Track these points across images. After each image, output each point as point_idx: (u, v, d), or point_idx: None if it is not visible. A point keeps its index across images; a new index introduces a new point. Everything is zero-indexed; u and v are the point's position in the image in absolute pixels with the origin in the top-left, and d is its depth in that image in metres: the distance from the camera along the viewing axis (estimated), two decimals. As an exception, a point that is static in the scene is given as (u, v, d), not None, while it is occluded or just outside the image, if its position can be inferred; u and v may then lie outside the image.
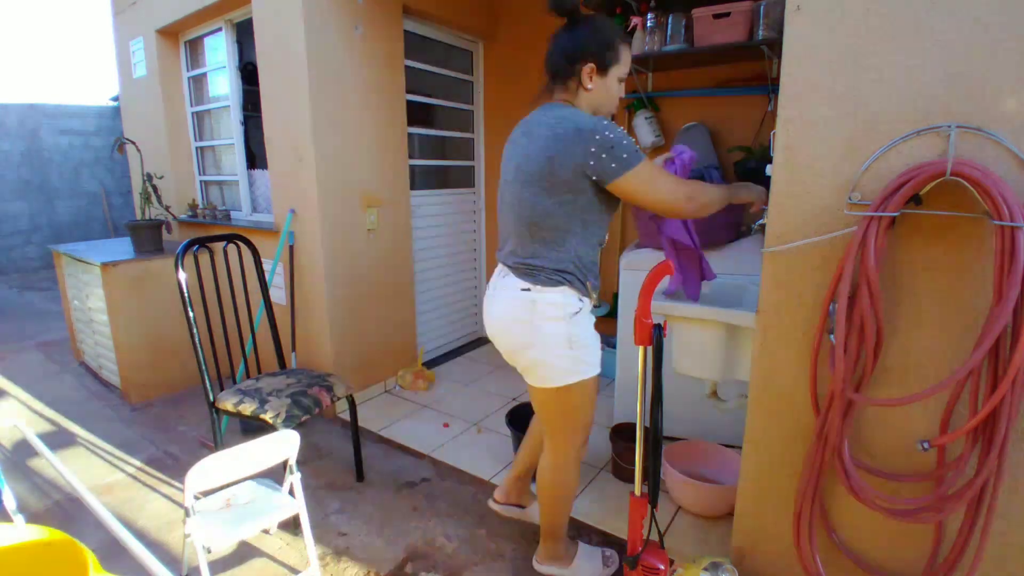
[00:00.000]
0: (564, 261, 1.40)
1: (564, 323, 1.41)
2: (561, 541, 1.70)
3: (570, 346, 1.42)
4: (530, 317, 1.41)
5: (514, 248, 1.46)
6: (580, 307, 1.43)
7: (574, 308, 1.42)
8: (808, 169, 1.31)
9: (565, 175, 1.33)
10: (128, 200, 7.74)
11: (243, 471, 1.52)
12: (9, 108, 6.73)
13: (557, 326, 1.41)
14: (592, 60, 1.39)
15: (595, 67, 1.39)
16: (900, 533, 1.35)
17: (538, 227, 1.40)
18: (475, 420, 2.77)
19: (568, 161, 1.32)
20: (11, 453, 2.53)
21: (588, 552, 1.74)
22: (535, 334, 1.42)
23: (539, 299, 1.40)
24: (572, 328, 1.41)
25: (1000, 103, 1.10)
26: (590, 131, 1.31)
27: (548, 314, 1.40)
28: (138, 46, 3.65)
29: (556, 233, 1.39)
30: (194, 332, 2.04)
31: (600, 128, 1.31)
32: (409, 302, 3.24)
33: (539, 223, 1.39)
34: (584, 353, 1.44)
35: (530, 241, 1.42)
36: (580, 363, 1.44)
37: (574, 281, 1.41)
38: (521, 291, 1.42)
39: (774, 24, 2.14)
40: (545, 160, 1.34)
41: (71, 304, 3.52)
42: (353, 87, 2.71)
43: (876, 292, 1.17)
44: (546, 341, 1.41)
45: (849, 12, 1.21)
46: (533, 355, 1.44)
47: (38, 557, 1.11)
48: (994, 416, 1.09)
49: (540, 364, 1.44)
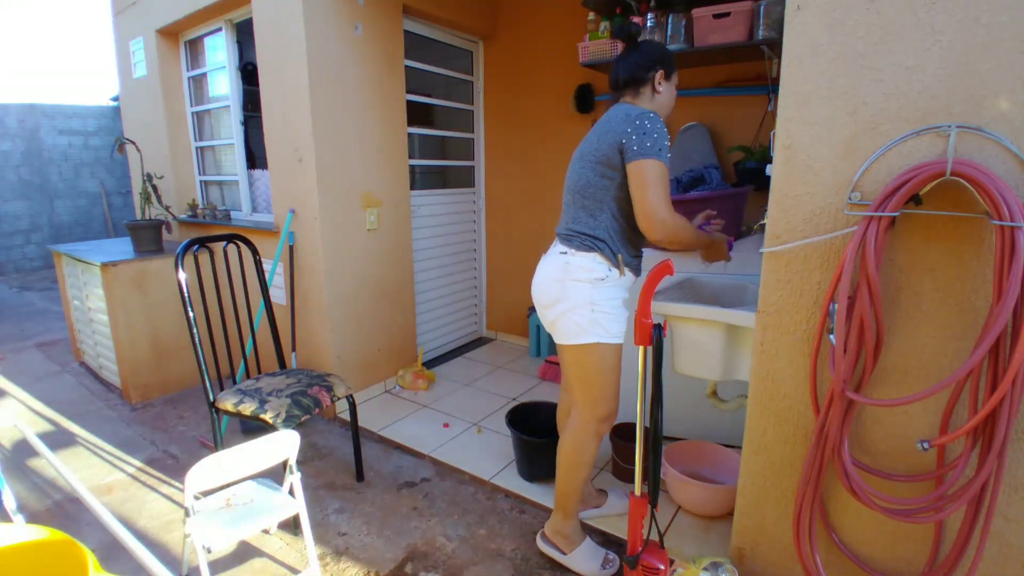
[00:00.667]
0: (599, 229, 1.56)
1: (589, 286, 1.55)
2: (570, 519, 1.74)
3: (591, 308, 1.55)
4: (562, 276, 1.58)
5: (564, 218, 1.66)
6: (607, 275, 1.55)
7: (601, 274, 1.55)
8: (808, 169, 1.31)
9: (609, 151, 1.51)
10: (128, 200, 7.74)
11: (243, 471, 1.52)
12: (9, 108, 6.73)
13: (582, 287, 1.55)
14: (662, 67, 1.60)
15: (664, 73, 1.60)
16: (900, 533, 1.35)
17: (582, 195, 1.59)
18: (475, 420, 2.78)
19: (613, 139, 1.50)
20: (11, 453, 2.53)
21: (592, 548, 1.75)
22: (563, 291, 1.58)
23: (572, 261, 1.57)
24: (596, 292, 1.55)
25: (1000, 103, 1.10)
26: (638, 115, 1.49)
27: (576, 275, 1.56)
28: (138, 46, 3.65)
29: (595, 203, 1.56)
30: (194, 332, 2.04)
31: (646, 116, 1.48)
32: (409, 302, 3.24)
33: (583, 192, 1.59)
34: (603, 318, 1.56)
35: (574, 208, 1.62)
36: (598, 326, 1.56)
37: (605, 249, 1.55)
38: (559, 254, 1.60)
39: (774, 24, 2.14)
40: (597, 140, 1.56)
41: (71, 304, 3.52)
42: (353, 87, 2.71)
43: (876, 292, 1.17)
44: (570, 299, 1.56)
45: (849, 12, 1.21)
46: (558, 309, 1.59)
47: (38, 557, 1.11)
48: (994, 416, 1.09)
49: (562, 318, 1.59)
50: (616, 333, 1.59)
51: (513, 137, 3.61)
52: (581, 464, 1.68)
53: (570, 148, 3.35)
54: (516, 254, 3.79)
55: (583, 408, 1.66)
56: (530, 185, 3.60)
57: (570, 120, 3.31)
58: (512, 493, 2.15)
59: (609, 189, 1.54)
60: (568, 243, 1.59)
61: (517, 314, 3.89)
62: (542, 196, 3.56)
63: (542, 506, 2.06)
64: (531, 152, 3.55)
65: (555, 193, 3.49)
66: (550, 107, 3.38)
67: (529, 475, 2.21)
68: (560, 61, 3.25)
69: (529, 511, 2.06)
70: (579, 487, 1.70)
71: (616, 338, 1.59)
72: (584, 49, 2.71)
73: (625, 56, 1.65)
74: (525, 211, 3.67)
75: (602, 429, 1.66)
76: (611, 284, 1.57)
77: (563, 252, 1.59)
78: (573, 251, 1.57)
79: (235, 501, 1.65)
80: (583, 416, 1.66)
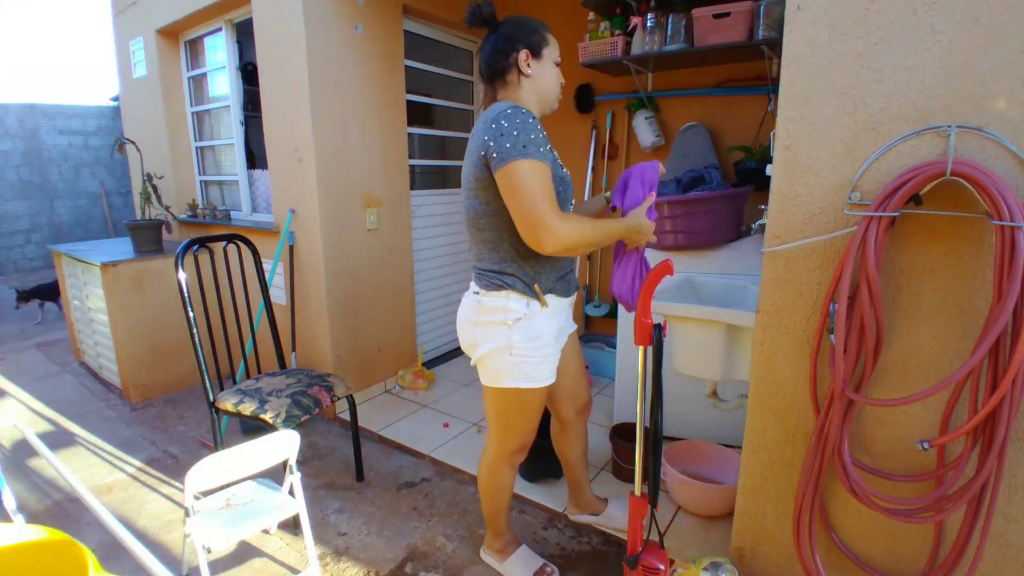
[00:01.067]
0: (503, 262, 1.39)
1: (505, 329, 1.40)
2: (499, 536, 1.73)
3: (510, 352, 1.40)
4: (476, 318, 1.44)
5: (471, 254, 1.50)
6: (524, 312, 1.39)
7: (516, 314, 1.39)
8: (808, 169, 1.31)
9: (476, 169, 1.33)
10: (128, 200, 7.74)
11: (243, 471, 1.52)
12: (9, 108, 6.73)
13: (498, 331, 1.40)
14: (524, 46, 1.38)
15: (529, 52, 1.39)
16: (900, 533, 1.35)
17: (477, 229, 1.42)
18: (475, 420, 2.77)
19: (476, 153, 1.32)
20: (11, 453, 2.53)
21: (526, 557, 1.73)
22: (477, 334, 1.45)
23: (484, 302, 1.42)
24: (514, 335, 1.39)
25: (1000, 103, 1.10)
26: (494, 116, 1.28)
27: (490, 318, 1.41)
28: (138, 46, 3.65)
29: (491, 233, 1.39)
30: (194, 332, 2.04)
31: (503, 115, 1.27)
32: (409, 302, 3.24)
33: (475, 224, 1.41)
34: (525, 363, 1.41)
35: (475, 245, 1.45)
36: (518, 370, 1.41)
37: (516, 284, 1.38)
38: (473, 294, 1.46)
39: (774, 24, 2.14)
40: (467, 159, 1.38)
41: (71, 304, 3.52)
42: (353, 87, 2.71)
43: (876, 292, 1.17)
44: (488, 342, 1.43)
45: (849, 12, 1.21)
46: (478, 353, 1.47)
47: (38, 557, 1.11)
48: (994, 416, 1.09)
49: (481, 362, 1.47)
50: (539, 377, 1.44)
51: (513, 137, 3.60)
52: (499, 489, 1.65)
53: (570, 148, 3.39)
54: (516, 254, 3.78)
55: (494, 440, 1.59)
56: (530, 185, 3.59)
57: (570, 120, 3.31)
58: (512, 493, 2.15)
59: (498, 210, 1.33)
60: (478, 282, 1.44)
61: (517, 314, 3.88)
62: (542, 196, 3.55)
63: (542, 506, 2.06)
64: (531, 152, 3.54)
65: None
66: (550, 107, 3.37)
67: (529, 475, 2.21)
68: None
69: (529, 511, 2.06)
70: (501, 508, 1.68)
71: (539, 382, 1.44)
72: (584, 49, 2.71)
73: (483, 46, 1.43)
74: (525, 211, 3.67)
75: (515, 460, 1.61)
76: (532, 320, 1.40)
77: (476, 292, 1.45)
78: (484, 291, 1.41)
79: (235, 501, 1.65)
80: (494, 448, 1.59)
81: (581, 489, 1.92)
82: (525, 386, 1.44)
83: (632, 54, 2.57)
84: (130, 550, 1.52)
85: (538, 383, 1.45)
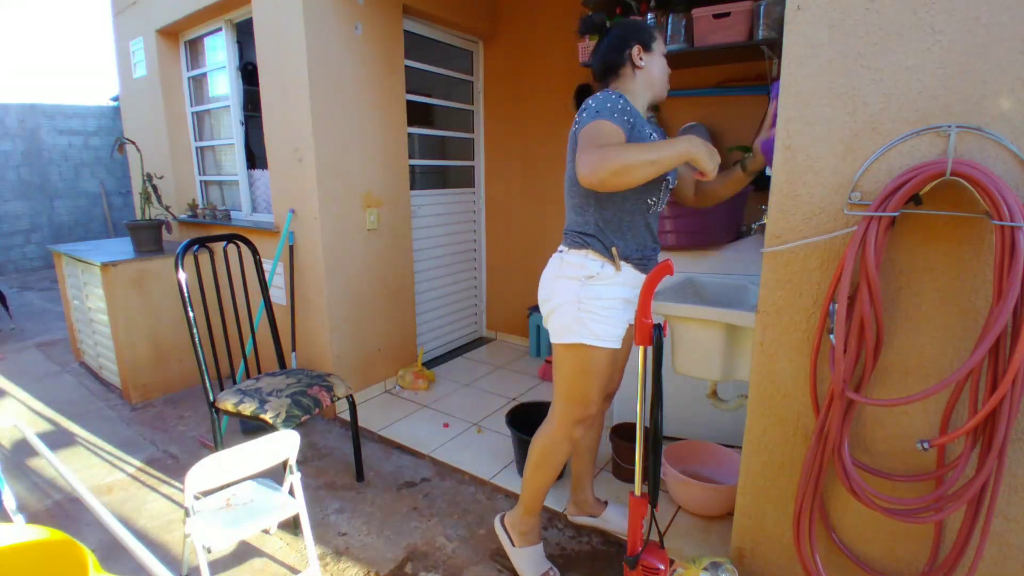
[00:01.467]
0: (587, 224, 1.50)
1: (577, 283, 1.49)
2: (529, 516, 1.72)
3: (578, 307, 1.48)
4: (555, 273, 1.55)
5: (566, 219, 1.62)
6: (598, 272, 1.48)
7: (590, 271, 1.48)
8: (808, 169, 1.31)
9: (571, 142, 1.48)
10: (128, 200, 7.74)
11: (243, 471, 1.52)
12: (9, 108, 6.73)
13: (570, 284, 1.50)
14: (636, 41, 1.51)
15: (641, 47, 1.51)
16: (900, 533, 1.35)
17: (569, 194, 1.56)
18: (475, 420, 2.77)
19: (572, 128, 1.47)
20: (11, 453, 2.53)
21: (539, 556, 1.72)
22: (556, 288, 1.53)
23: (565, 258, 1.53)
24: (584, 290, 1.48)
25: (1000, 103, 1.10)
26: (591, 98, 1.43)
27: (566, 272, 1.51)
28: (138, 46, 3.65)
29: (580, 199, 1.51)
30: (194, 332, 2.04)
31: (593, 97, 1.43)
32: (409, 302, 3.24)
33: (569, 190, 1.56)
34: (590, 319, 1.48)
35: (568, 209, 1.58)
36: (583, 326, 1.48)
37: (595, 244, 1.48)
38: (558, 252, 1.58)
39: (774, 24, 2.14)
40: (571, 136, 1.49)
41: (71, 304, 3.52)
42: (353, 87, 2.71)
43: (876, 292, 1.17)
44: (558, 296, 1.52)
45: (849, 12, 1.21)
46: (549, 306, 1.56)
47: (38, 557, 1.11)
48: (994, 416, 1.09)
49: (551, 316, 1.56)
50: (603, 336, 1.49)
51: (513, 137, 3.61)
52: (549, 465, 1.65)
53: (570, 148, 3.37)
54: (516, 254, 3.79)
55: (558, 409, 1.61)
56: (530, 185, 3.60)
57: (570, 120, 3.27)
58: (512, 493, 2.15)
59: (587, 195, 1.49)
60: (565, 241, 1.56)
61: (517, 314, 3.88)
62: (542, 196, 3.56)
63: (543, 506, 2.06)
64: (531, 152, 3.55)
65: (555, 192, 3.50)
66: (550, 107, 3.38)
67: (529, 475, 2.21)
68: (560, 61, 3.25)
69: (529, 511, 2.06)
70: (544, 487, 1.68)
71: (602, 341, 1.50)
72: (584, 49, 2.70)
73: (597, 48, 1.58)
74: (525, 211, 3.67)
75: (575, 433, 1.61)
76: (603, 282, 1.48)
77: (560, 251, 1.56)
78: (567, 249, 1.53)
79: (235, 501, 1.65)
80: (558, 417, 1.61)
81: (583, 487, 1.92)
82: (588, 343, 1.49)
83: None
84: (130, 550, 1.52)
85: (601, 342, 1.50)
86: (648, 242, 1.56)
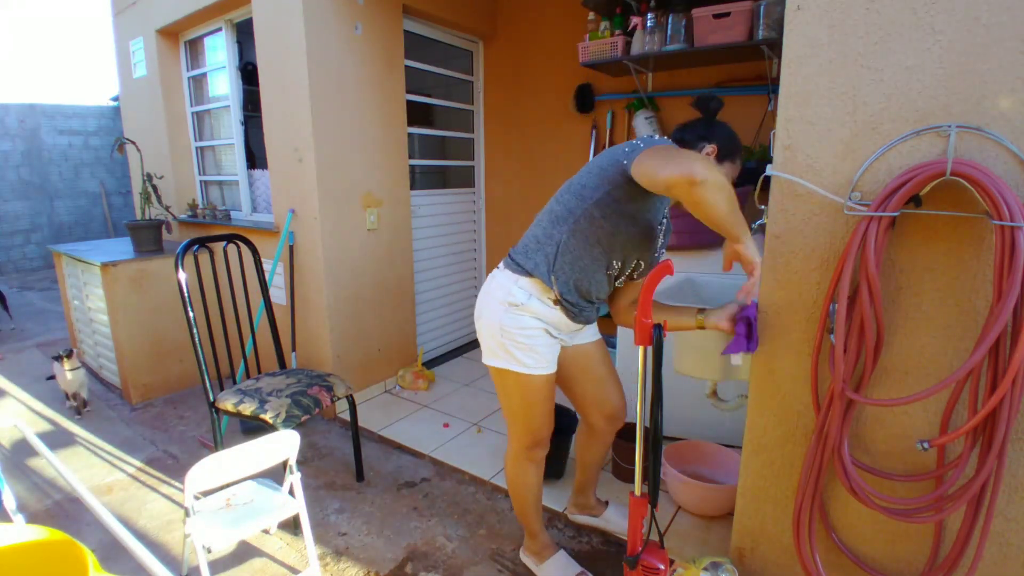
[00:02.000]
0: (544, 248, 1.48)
1: (502, 308, 1.47)
2: (535, 538, 1.73)
3: (501, 334, 1.47)
4: (485, 289, 1.55)
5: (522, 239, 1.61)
6: (523, 302, 1.45)
7: (516, 299, 1.46)
8: (808, 169, 1.31)
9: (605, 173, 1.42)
10: (128, 200, 7.74)
11: (243, 471, 1.52)
12: (9, 108, 6.73)
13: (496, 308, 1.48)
14: (718, 144, 1.42)
15: (717, 150, 1.42)
16: (900, 533, 1.35)
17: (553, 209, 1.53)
18: (475, 420, 2.78)
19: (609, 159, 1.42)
20: (11, 453, 2.53)
21: (564, 561, 1.73)
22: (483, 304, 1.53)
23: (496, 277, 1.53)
24: (506, 317, 1.46)
25: (1000, 103, 1.10)
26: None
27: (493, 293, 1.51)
28: (138, 46, 3.65)
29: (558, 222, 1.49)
30: (194, 332, 2.04)
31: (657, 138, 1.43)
32: (409, 302, 3.24)
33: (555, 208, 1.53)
34: (513, 347, 1.46)
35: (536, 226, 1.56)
36: (508, 354, 1.47)
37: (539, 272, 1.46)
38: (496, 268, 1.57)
39: (774, 24, 2.14)
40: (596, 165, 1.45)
41: (71, 304, 3.52)
42: (353, 87, 2.71)
43: (876, 292, 1.17)
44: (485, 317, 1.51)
45: (849, 12, 1.21)
46: (478, 324, 1.55)
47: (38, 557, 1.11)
48: (994, 416, 1.09)
49: (480, 333, 1.55)
50: (531, 365, 1.47)
51: (513, 137, 3.61)
52: (522, 486, 1.65)
53: (570, 148, 3.39)
54: (516, 254, 3.78)
55: (511, 436, 1.62)
56: (530, 185, 3.60)
57: (570, 120, 3.31)
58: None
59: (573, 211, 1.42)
60: (505, 260, 1.55)
61: (517, 314, 3.88)
62: (542, 196, 3.53)
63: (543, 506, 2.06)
64: (531, 152, 3.55)
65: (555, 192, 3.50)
66: (550, 107, 3.38)
67: (529, 475, 2.21)
68: (560, 61, 3.25)
69: (529, 511, 2.06)
70: (531, 507, 1.69)
71: (532, 369, 1.48)
72: (584, 49, 2.71)
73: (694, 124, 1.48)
74: (525, 211, 3.67)
75: (533, 455, 1.61)
76: (526, 313, 1.45)
77: (498, 267, 1.56)
78: (502, 268, 1.53)
79: (235, 501, 1.65)
80: (512, 446, 1.63)
81: (585, 492, 1.92)
82: (519, 370, 1.48)
83: (632, 54, 2.57)
84: (130, 550, 1.52)
85: (531, 370, 1.48)
86: (592, 296, 1.51)
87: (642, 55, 2.53)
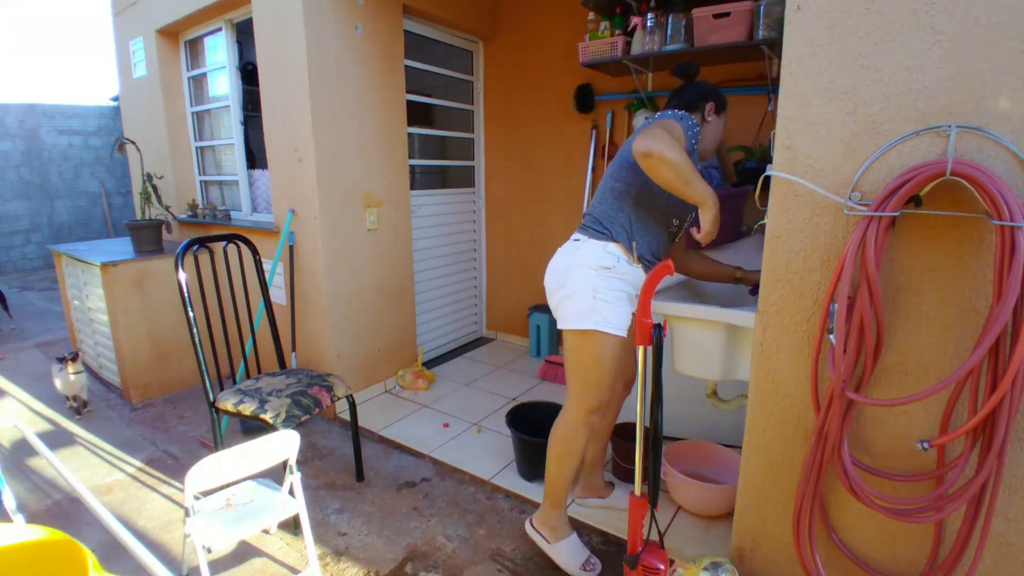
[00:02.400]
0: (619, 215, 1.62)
1: (595, 273, 1.59)
2: (557, 508, 1.75)
3: (594, 295, 1.57)
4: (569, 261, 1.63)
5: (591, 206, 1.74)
6: (613, 265, 1.58)
7: (607, 263, 1.58)
8: (808, 169, 1.31)
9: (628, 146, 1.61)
10: (128, 200, 7.74)
11: (243, 471, 1.52)
12: (9, 108, 6.73)
13: (587, 273, 1.59)
14: (714, 100, 1.69)
15: (715, 105, 1.69)
16: (900, 533, 1.35)
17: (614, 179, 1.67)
18: (475, 420, 2.77)
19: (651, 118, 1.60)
20: (11, 453, 2.53)
21: (577, 545, 1.75)
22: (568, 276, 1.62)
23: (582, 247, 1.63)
24: (600, 280, 1.58)
25: (1000, 103, 1.10)
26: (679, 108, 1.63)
27: (582, 261, 1.61)
28: (138, 46, 3.65)
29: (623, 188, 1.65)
30: (194, 332, 2.04)
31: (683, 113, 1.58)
32: (409, 302, 3.24)
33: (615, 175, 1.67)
34: (605, 307, 1.57)
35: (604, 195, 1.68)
36: (598, 314, 1.56)
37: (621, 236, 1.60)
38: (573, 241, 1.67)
39: (774, 24, 2.14)
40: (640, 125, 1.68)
41: (71, 304, 3.52)
42: (353, 87, 2.71)
43: (876, 292, 1.17)
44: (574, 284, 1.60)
45: (849, 12, 1.21)
46: (561, 295, 1.63)
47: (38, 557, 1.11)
48: (994, 416, 1.09)
49: (563, 303, 1.62)
50: (615, 324, 1.58)
51: (513, 137, 3.61)
52: (570, 454, 1.68)
53: (570, 148, 3.39)
54: (516, 254, 3.79)
55: (573, 398, 1.66)
56: (530, 185, 3.60)
57: (570, 120, 3.31)
58: (512, 493, 2.15)
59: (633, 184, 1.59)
60: (582, 231, 1.65)
61: (517, 314, 3.88)
62: (542, 196, 3.56)
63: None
64: (531, 152, 3.55)
65: (555, 192, 3.51)
66: (550, 107, 3.38)
67: (529, 475, 2.21)
68: (560, 61, 3.25)
69: (529, 511, 2.05)
70: (568, 477, 1.71)
71: (615, 329, 1.58)
72: (584, 49, 2.71)
73: (681, 90, 1.73)
74: (525, 211, 3.67)
75: (591, 420, 1.66)
76: (616, 275, 1.58)
77: (576, 239, 1.64)
78: (585, 238, 1.62)
79: (235, 501, 1.65)
80: (573, 406, 1.66)
81: (594, 470, 1.98)
82: (603, 330, 1.57)
83: (632, 54, 2.57)
84: (130, 550, 1.52)
85: (615, 329, 1.58)
86: (661, 253, 1.68)
87: (642, 55, 2.53)
